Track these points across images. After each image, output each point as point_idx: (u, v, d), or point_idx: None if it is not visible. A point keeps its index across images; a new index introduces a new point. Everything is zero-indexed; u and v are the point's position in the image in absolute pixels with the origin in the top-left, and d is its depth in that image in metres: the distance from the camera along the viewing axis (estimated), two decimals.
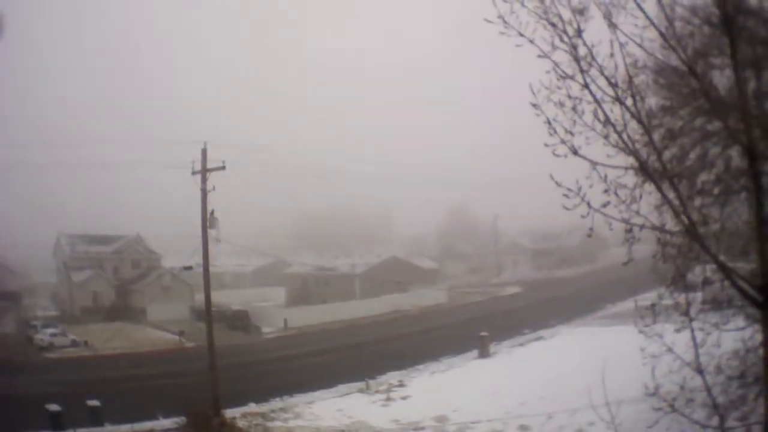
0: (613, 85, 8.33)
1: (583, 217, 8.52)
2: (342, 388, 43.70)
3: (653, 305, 9.61)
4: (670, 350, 9.93)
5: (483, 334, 53.68)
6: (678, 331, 9.79)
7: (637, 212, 8.66)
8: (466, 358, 52.84)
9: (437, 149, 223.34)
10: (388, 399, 40.81)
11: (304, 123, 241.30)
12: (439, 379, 46.15)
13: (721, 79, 9.36)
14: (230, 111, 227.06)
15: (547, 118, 8.46)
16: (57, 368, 53.22)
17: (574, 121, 8.55)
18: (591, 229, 8.60)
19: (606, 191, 8.64)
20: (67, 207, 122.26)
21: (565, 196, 8.41)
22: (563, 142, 8.51)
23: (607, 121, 8.51)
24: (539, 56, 8.30)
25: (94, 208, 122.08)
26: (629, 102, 8.47)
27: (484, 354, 52.70)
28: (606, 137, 8.56)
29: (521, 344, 57.39)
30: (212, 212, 36.20)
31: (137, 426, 36.23)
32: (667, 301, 9.92)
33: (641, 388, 10.32)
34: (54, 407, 35.45)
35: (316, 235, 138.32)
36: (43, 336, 64.20)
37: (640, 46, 8.40)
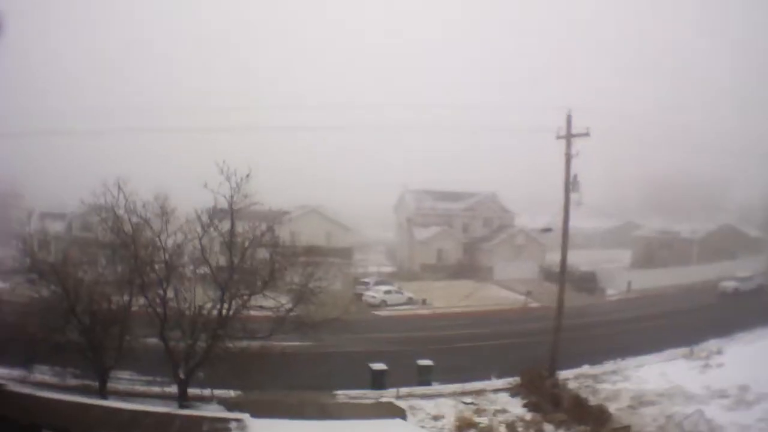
0: None
1: None
2: (669, 353, 45.13)
3: None
4: None
5: None
6: None
7: None
8: None
9: None
10: (706, 366, 42.16)
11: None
12: (756, 349, 46.00)
13: None
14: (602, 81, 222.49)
15: None
16: (387, 326, 55.20)
17: None
18: None
19: None
20: (415, 167, 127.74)
21: None
22: None
23: None
24: None
25: (446, 169, 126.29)
26: None
27: None
28: None
29: None
30: (575, 176, 38.16)
31: (467, 386, 37.13)
32: None
33: None
34: (378, 366, 36.94)
35: (661, 199, 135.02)
36: (375, 293, 66.25)
37: None
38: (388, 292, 66.48)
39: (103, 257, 33.09)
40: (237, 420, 21.02)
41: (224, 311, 30.04)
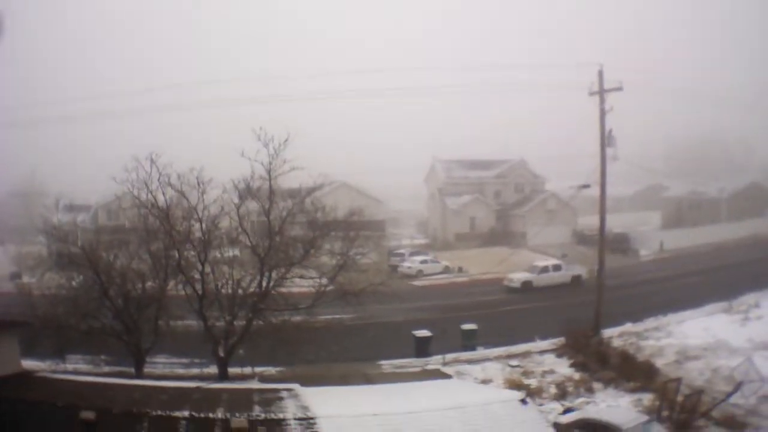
0: None
1: None
2: (708, 308, 46.02)
3: None
4: None
5: None
6: None
7: None
8: None
9: None
10: (745, 319, 42.92)
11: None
12: None
13: None
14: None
15: None
16: (426, 295, 55.49)
17: None
18: None
19: None
20: (441, 133, 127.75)
21: None
22: None
23: None
24: None
25: (473, 134, 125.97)
26: None
27: None
28: None
29: None
30: (610, 131, 37.95)
31: (513, 348, 37.46)
32: None
33: None
34: (422, 332, 36.83)
35: (688, 159, 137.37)
36: (411, 264, 66.47)
37: None
38: (424, 261, 66.83)
39: (136, 237, 32.44)
40: (288, 390, 20.57)
41: (264, 284, 29.48)
